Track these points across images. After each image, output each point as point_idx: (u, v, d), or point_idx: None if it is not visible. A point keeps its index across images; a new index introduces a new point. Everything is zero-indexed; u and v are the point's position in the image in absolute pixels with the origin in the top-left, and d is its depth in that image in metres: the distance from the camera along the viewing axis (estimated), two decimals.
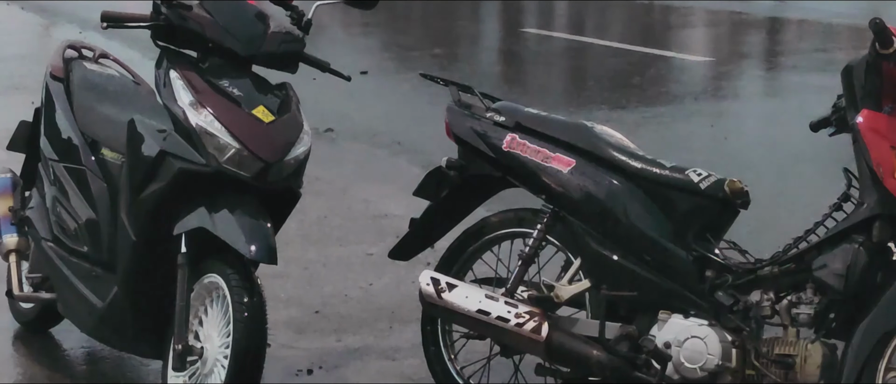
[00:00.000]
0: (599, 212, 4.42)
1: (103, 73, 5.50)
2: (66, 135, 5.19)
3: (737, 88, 12.09)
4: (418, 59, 13.64)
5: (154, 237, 4.56)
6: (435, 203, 4.89)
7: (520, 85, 12.33)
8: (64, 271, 5.06)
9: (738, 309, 4.21)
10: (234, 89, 4.52)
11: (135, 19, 4.68)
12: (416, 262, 5.56)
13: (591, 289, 4.50)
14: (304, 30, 4.78)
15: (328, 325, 5.81)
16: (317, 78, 5.25)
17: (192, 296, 4.47)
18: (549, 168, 4.52)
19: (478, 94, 4.85)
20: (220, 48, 4.59)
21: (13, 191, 5.54)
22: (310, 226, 7.26)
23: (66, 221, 5.10)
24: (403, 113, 10.68)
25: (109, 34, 12.47)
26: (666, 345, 4.26)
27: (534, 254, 4.64)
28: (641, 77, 12.19)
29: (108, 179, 4.95)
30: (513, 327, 4.48)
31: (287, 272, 6.34)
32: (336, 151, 9.08)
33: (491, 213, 4.90)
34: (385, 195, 7.92)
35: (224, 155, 4.41)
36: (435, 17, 18.36)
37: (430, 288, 4.64)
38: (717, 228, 4.40)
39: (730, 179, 4.33)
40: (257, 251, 4.31)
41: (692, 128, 9.83)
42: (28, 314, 5.69)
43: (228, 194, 4.46)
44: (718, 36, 16.08)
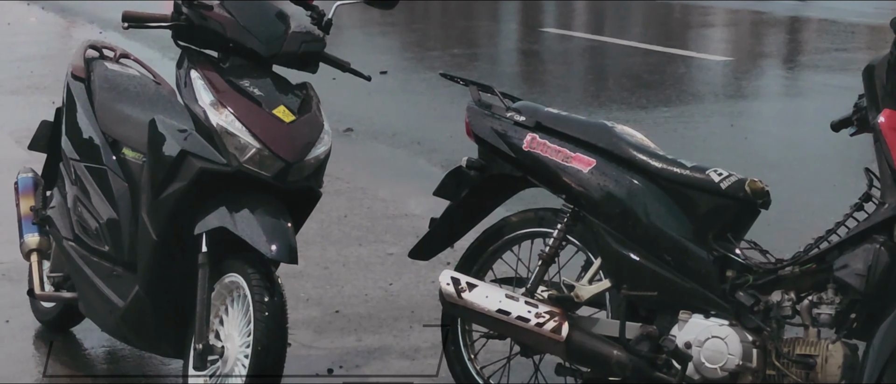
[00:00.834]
0: (620, 212, 4.41)
1: (124, 73, 5.51)
2: (88, 134, 5.20)
3: (757, 88, 12.06)
4: (437, 59, 13.65)
5: (175, 237, 4.57)
6: (455, 203, 4.89)
7: (539, 85, 12.32)
8: (85, 270, 5.07)
9: (759, 309, 4.20)
10: (254, 89, 4.53)
11: (155, 19, 4.68)
12: (436, 262, 5.57)
13: (612, 288, 4.49)
14: (325, 30, 4.78)
15: (348, 325, 5.81)
16: (336, 78, 5.26)
17: (212, 296, 4.48)
18: (570, 168, 4.52)
19: (498, 93, 4.85)
20: (240, 48, 4.59)
21: (34, 190, 5.56)
22: (330, 225, 7.27)
23: (88, 221, 5.12)
24: (423, 113, 10.69)
25: (129, 34, 12.54)
26: (686, 345, 4.26)
27: (554, 254, 4.64)
28: (661, 77, 12.17)
29: (129, 179, 4.96)
30: (533, 327, 4.48)
31: (307, 272, 6.36)
32: (355, 151, 9.09)
33: (511, 213, 4.90)
34: (405, 195, 7.93)
35: (245, 155, 4.41)
36: (454, 17, 18.37)
37: (451, 287, 4.64)
38: (738, 228, 4.39)
39: (751, 179, 4.32)
40: (278, 251, 4.32)
41: (712, 127, 9.81)
42: (49, 313, 5.71)
43: (249, 194, 4.46)
44: (738, 35, 16.05)
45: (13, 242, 5.65)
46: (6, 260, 6.54)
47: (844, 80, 11.27)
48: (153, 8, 4.84)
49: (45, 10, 19.19)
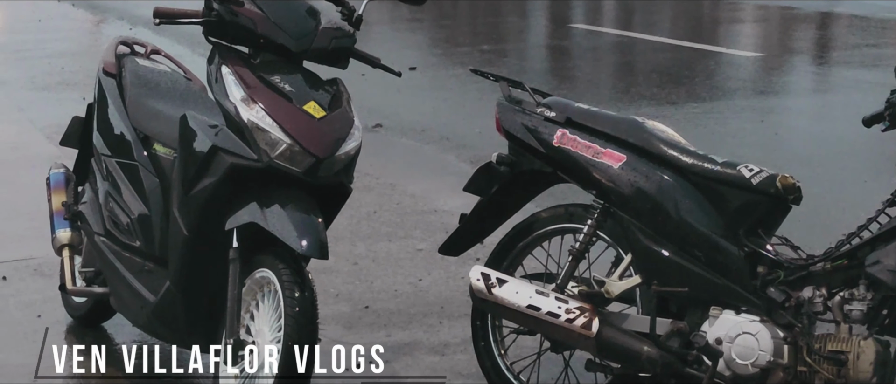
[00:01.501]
0: (650, 208, 4.41)
1: (155, 68, 5.53)
2: (119, 130, 5.22)
3: (787, 84, 12.02)
4: (466, 55, 13.65)
5: (206, 232, 4.58)
6: (485, 198, 4.89)
7: (568, 81, 12.31)
8: (116, 266, 5.09)
9: (790, 305, 4.20)
10: (285, 85, 4.54)
11: (187, 15, 4.69)
12: (466, 258, 5.57)
13: (642, 284, 4.49)
14: (355, 25, 4.78)
15: (378, 320, 5.82)
16: (365, 74, 5.27)
17: (243, 291, 4.49)
18: (600, 163, 4.52)
19: (528, 89, 4.85)
20: (271, 44, 4.60)
21: (66, 186, 5.58)
22: (359, 221, 7.28)
23: (119, 216, 5.14)
24: (452, 108, 10.69)
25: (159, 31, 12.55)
26: (717, 341, 4.25)
27: (584, 250, 4.63)
28: (691, 72, 12.14)
29: (160, 174, 4.97)
30: (563, 323, 4.48)
31: (336, 267, 6.36)
32: (385, 147, 9.09)
33: (541, 209, 4.90)
34: (434, 190, 7.93)
35: (275, 150, 4.42)
36: (482, 14, 18.35)
37: (481, 283, 4.65)
38: (769, 224, 4.38)
39: (782, 175, 4.31)
40: (308, 246, 4.32)
41: (742, 123, 9.78)
42: (81, 308, 5.74)
43: (280, 189, 4.47)
44: (768, 31, 16.00)
45: (45, 238, 5.68)
46: (38, 255, 6.58)
47: (875, 76, 11.22)
48: (183, 4, 4.85)
49: (76, 7, 19.27)
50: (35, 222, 6.93)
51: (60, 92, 11.60)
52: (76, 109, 6.42)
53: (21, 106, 11.10)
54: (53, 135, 8.98)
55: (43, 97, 11.44)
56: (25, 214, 7.40)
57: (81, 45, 15.33)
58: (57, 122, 9.24)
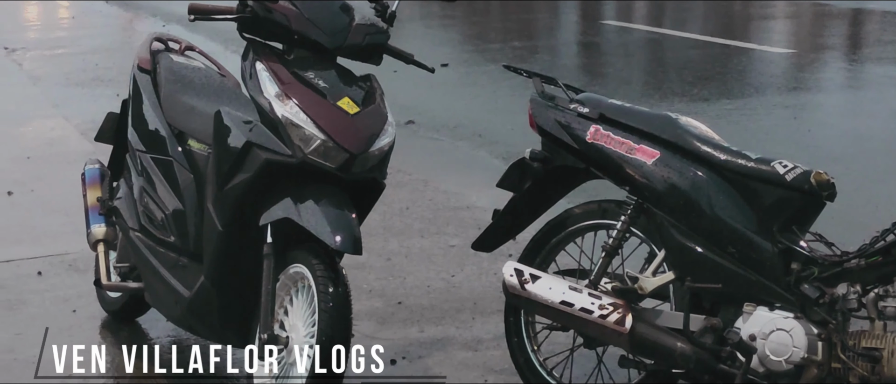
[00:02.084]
0: (684, 204, 4.41)
1: (189, 65, 5.55)
2: (154, 126, 5.25)
3: (820, 80, 11.98)
4: (498, 52, 13.65)
5: (240, 227, 4.60)
6: (518, 194, 4.90)
7: (600, 77, 12.29)
8: (151, 261, 5.11)
9: (825, 301, 4.18)
10: (319, 81, 4.55)
11: (221, 12, 4.71)
12: (498, 254, 5.59)
13: (676, 280, 4.48)
14: (389, 22, 4.79)
15: (411, 316, 5.83)
16: (397, 70, 5.27)
17: (277, 286, 4.51)
18: (634, 159, 4.51)
19: (562, 85, 4.85)
20: (305, 40, 4.62)
21: (101, 181, 5.62)
22: (392, 217, 7.29)
23: (153, 211, 5.16)
24: (484, 105, 10.69)
25: (192, 27, 12.64)
26: (751, 338, 4.24)
27: (617, 246, 4.64)
28: (723, 69, 12.11)
29: (195, 170, 4.99)
30: (596, 319, 4.48)
31: (369, 263, 6.38)
32: (417, 143, 9.11)
33: (574, 205, 4.90)
34: (466, 187, 7.94)
35: (309, 146, 4.44)
36: (514, 10, 18.34)
37: (514, 279, 4.65)
38: (803, 220, 4.37)
39: (816, 171, 4.30)
40: (342, 242, 4.34)
41: (775, 120, 9.75)
42: (115, 303, 5.77)
43: (313, 185, 4.48)
44: (800, 27, 15.93)
45: (80, 233, 5.71)
46: (73, 250, 6.62)
47: None
48: (217, 1, 4.87)
49: (109, 4, 19.36)
50: (70, 218, 6.98)
51: (94, 88, 11.66)
52: (110, 105, 6.47)
53: (56, 102, 11.17)
54: (88, 131, 9.05)
55: (77, 93, 11.50)
56: (60, 210, 7.46)
57: (115, 41, 15.41)
58: (91, 118, 9.32)
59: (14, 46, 14.56)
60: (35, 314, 5.92)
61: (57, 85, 12.03)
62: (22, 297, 6.13)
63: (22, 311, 5.95)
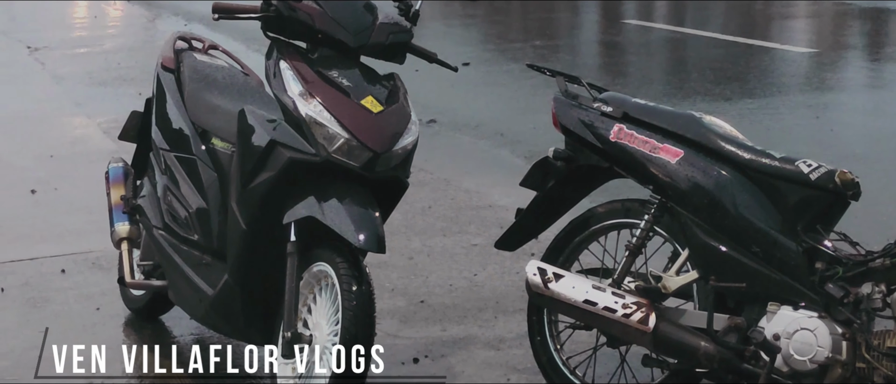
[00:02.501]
0: (708, 203, 4.40)
1: (213, 63, 5.57)
2: (177, 125, 5.26)
3: (842, 80, 11.94)
4: (520, 51, 13.64)
5: (264, 226, 4.61)
6: (541, 193, 4.90)
7: (622, 76, 12.28)
8: (175, 259, 5.13)
9: (849, 301, 4.17)
10: (343, 80, 4.56)
11: (245, 11, 4.73)
12: (520, 253, 5.59)
13: (699, 280, 4.48)
14: (412, 21, 4.80)
15: (433, 315, 5.84)
16: (419, 69, 5.28)
17: (301, 285, 4.52)
18: (657, 158, 4.51)
19: (585, 84, 4.85)
20: (329, 39, 4.62)
21: (125, 180, 5.63)
22: (414, 216, 7.30)
23: (177, 210, 5.17)
24: (506, 104, 10.69)
25: (214, 26, 12.67)
26: (775, 337, 4.23)
27: (641, 245, 4.63)
28: (745, 68, 12.09)
29: (218, 169, 5.00)
30: (620, 318, 4.48)
31: (392, 262, 6.39)
32: (439, 142, 9.11)
33: (597, 204, 4.89)
34: (488, 186, 7.94)
35: (333, 144, 4.44)
36: (535, 9, 18.32)
37: (537, 278, 4.65)
38: (828, 220, 4.36)
39: (841, 170, 4.29)
40: (366, 240, 4.34)
41: (797, 119, 9.72)
42: (139, 301, 5.79)
43: (337, 184, 4.49)
44: (821, 27, 15.88)
45: (104, 231, 5.73)
46: (97, 248, 6.65)
47: None
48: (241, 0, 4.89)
49: (131, 3, 19.41)
50: (93, 216, 7.00)
51: (117, 87, 11.69)
52: (133, 104, 6.49)
53: (78, 101, 11.20)
54: (110, 129, 9.08)
55: (100, 92, 11.54)
56: (84, 208, 7.48)
57: (137, 40, 15.45)
58: (114, 116, 9.35)
59: (37, 45, 14.60)
60: (59, 312, 5.94)
61: (79, 84, 12.07)
62: (46, 295, 6.15)
63: (46, 309, 5.97)
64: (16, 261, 6.66)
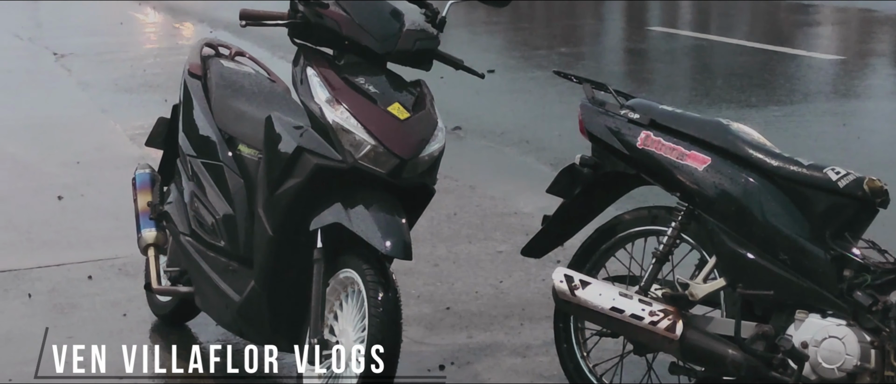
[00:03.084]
0: (735, 211, 4.38)
1: (240, 70, 5.58)
2: (204, 131, 5.27)
3: (869, 87, 11.89)
4: (545, 58, 13.64)
5: (290, 232, 4.61)
6: (568, 200, 4.89)
7: (647, 83, 12.27)
8: (201, 265, 5.14)
9: (878, 309, 4.15)
10: (369, 86, 4.56)
11: (272, 17, 4.73)
12: (546, 261, 5.59)
13: (727, 287, 4.46)
14: (439, 27, 4.79)
15: (459, 322, 5.83)
16: (444, 76, 5.27)
17: (327, 291, 4.52)
18: (685, 165, 4.50)
19: (612, 91, 4.84)
20: (356, 45, 4.62)
21: (152, 186, 5.65)
22: (440, 223, 7.30)
23: (204, 216, 5.18)
24: (531, 111, 10.69)
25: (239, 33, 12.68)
26: (803, 345, 4.22)
27: (668, 252, 4.62)
28: (770, 75, 12.06)
29: (245, 175, 5.01)
30: (646, 325, 4.47)
31: (417, 269, 6.39)
32: (464, 149, 9.11)
33: (624, 211, 4.89)
34: (514, 193, 7.94)
35: (360, 151, 4.44)
36: (559, 17, 18.33)
37: (564, 285, 4.65)
38: (856, 227, 4.33)
39: (869, 178, 4.26)
40: (393, 247, 4.34)
41: (824, 127, 9.70)
42: (165, 307, 5.80)
43: (364, 190, 4.49)
44: (848, 34, 15.83)
45: (130, 237, 5.75)
46: (123, 254, 6.67)
47: None
48: (267, 6, 4.89)
49: (156, 10, 19.48)
50: (120, 222, 7.03)
51: (143, 94, 11.73)
52: (158, 111, 6.51)
53: (105, 107, 11.24)
54: (136, 136, 9.12)
55: (126, 99, 11.58)
56: (111, 214, 7.50)
57: (163, 47, 15.52)
58: (140, 123, 9.38)
59: (63, 52, 14.67)
60: (86, 318, 5.96)
61: (106, 90, 12.12)
62: (73, 301, 6.17)
63: (73, 315, 5.99)
64: (43, 267, 6.68)
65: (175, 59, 11.08)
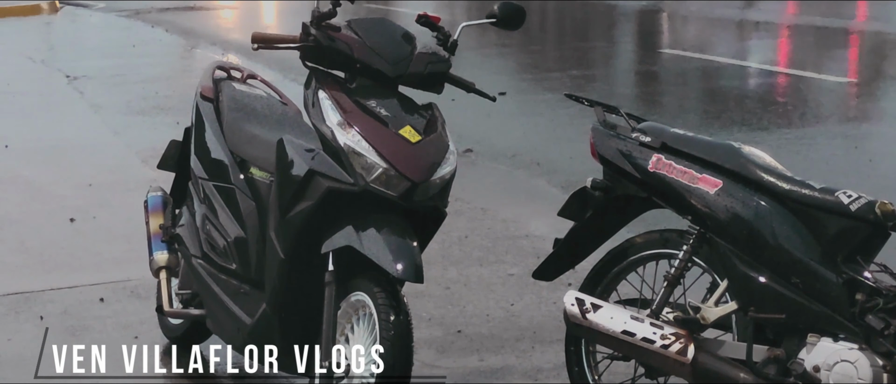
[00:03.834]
0: (747, 234, 4.38)
1: (251, 93, 5.59)
2: (216, 154, 5.28)
3: (881, 110, 11.89)
4: (556, 81, 13.65)
5: (302, 255, 4.62)
6: (579, 223, 4.89)
7: (658, 106, 12.27)
8: (213, 288, 5.14)
9: (890, 333, 4.14)
10: (381, 109, 4.57)
11: (285, 41, 4.75)
12: (557, 283, 5.58)
13: (738, 311, 4.45)
14: (450, 51, 4.81)
15: (470, 345, 5.83)
16: (455, 99, 5.28)
17: (338, 314, 4.52)
18: (696, 189, 4.49)
19: (624, 114, 4.85)
20: (367, 69, 4.64)
21: (164, 209, 5.66)
22: (451, 245, 7.30)
23: (216, 239, 5.19)
24: (542, 133, 10.69)
25: (251, 56, 12.71)
26: (815, 369, 4.20)
27: (679, 276, 4.61)
28: (782, 98, 12.06)
29: (257, 198, 5.02)
30: (658, 349, 4.46)
31: (429, 291, 6.38)
32: (476, 172, 9.12)
33: (635, 234, 4.88)
34: (525, 215, 7.93)
35: (371, 174, 4.45)
36: (570, 39, 18.36)
37: (575, 308, 4.64)
38: (868, 251, 4.32)
39: (881, 201, 4.25)
40: (404, 270, 4.34)
41: (835, 149, 9.69)
42: (177, 330, 5.80)
43: (375, 213, 4.49)
44: (860, 56, 15.83)
45: (142, 260, 5.76)
46: (135, 277, 6.67)
47: None
48: (274, 29, 4.90)
49: (169, 33, 19.53)
50: (132, 244, 7.04)
51: (155, 116, 11.75)
52: (170, 133, 6.52)
53: (117, 130, 11.27)
54: (149, 158, 9.12)
55: (138, 121, 11.60)
56: (123, 237, 7.51)
57: (175, 70, 15.55)
58: (152, 145, 9.39)
59: (75, 74, 14.70)
60: (97, 340, 5.94)
61: (118, 113, 12.14)
62: (84, 324, 6.17)
63: (84, 337, 5.99)
64: (55, 289, 6.69)
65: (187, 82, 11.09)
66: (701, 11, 20.79)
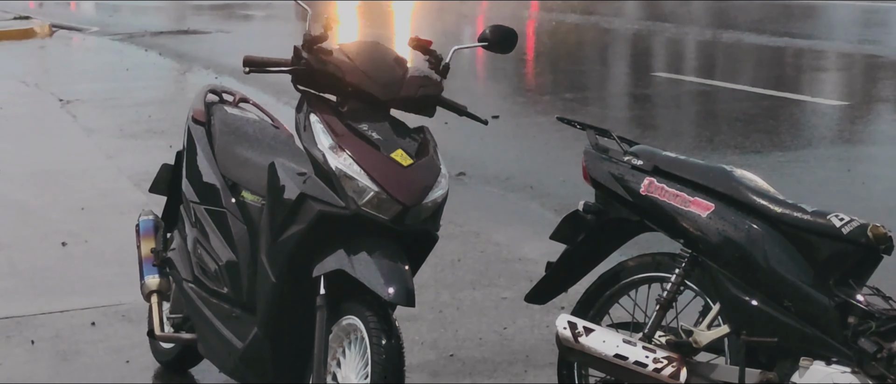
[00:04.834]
0: (739, 257, 4.37)
1: (243, 116, 5.59)
2: (208, 177, 5.27)
3: (874, 133, 11.90)
4: (549, 104, 13.66)
5: (293, 279, 4.60)
6: (572, 247, 4.88)
7: (652, 129, 12.27)
8: (204, 312, 5.13)
9: (882, 356, 4.12)
10: (373, 133, 4.56)
11: (276, 64, 4.75)
12: (550, 307, 5.56)
13: (731, 334, 4.44)
14: (442, 74, 4.80)
15: (463, 369, 5.81)
16: (448, 122, 5.27)
17: (330, 338, 4.51)
18: (688, 212, 4.49)
19: (616, 137, 4.84)
20: (359, 92, 4.63)
21: (155, 233, 5.64)
22: (443, 269, 7.29)
23: (207, 263, 5.18)
24: (535, 157, 10.69)
25: (244, 79, 12.73)
26: None
27: (672, 299, 4.60)
28: (775, 121, 12.07)
29: (248, 222, 5.01)
30: (651, 372, 4.45)
31: (421, 315, 6.37)
32: (468, 195, 9.11)
33: (628, 258, 4.88)
34: (518, 239, 7.92)
35: (363, 198, 4.44)
36: (564, 62, 18.36)
37: (567, 332, 4.63)
38: (860, 274, 4.31)
39: (873, 224, 4.25)
40: (396, 293, 4.33)
41: (828, 172, 9.69)
42: (168, 354, 5.78)
43: (367, 237, 4.48)
44: (852, 79, 15.85)
45: (133, 284, 5.74)
46: (126, 301, 6.65)
47: None
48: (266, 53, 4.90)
49: (162, 56, 19.54)
50: (124, 268, 7.02)
51: (148, 140, 11.75)
52: (163, 157, 6.51)
53: (109, 153, 11.25)
54: (141, 182, 9.12)
55: (130, 145, 11.59)
56: (114, 261, 7.50)
57: (168, 93, 15.54)
58: (144, 169, 9.38)
59: (68, 98, 14.70)
60: (89, 364, 5.94)
61: (110, 136, 12.13)
62: (76, 348, 6.15)
63: (76, 362, 5.98)
64: (46, 313, 6.67)
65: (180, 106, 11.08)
66: (696, 35, 20.82)
